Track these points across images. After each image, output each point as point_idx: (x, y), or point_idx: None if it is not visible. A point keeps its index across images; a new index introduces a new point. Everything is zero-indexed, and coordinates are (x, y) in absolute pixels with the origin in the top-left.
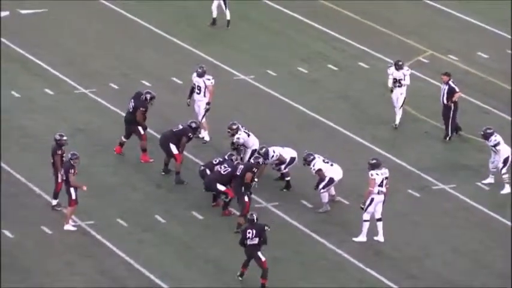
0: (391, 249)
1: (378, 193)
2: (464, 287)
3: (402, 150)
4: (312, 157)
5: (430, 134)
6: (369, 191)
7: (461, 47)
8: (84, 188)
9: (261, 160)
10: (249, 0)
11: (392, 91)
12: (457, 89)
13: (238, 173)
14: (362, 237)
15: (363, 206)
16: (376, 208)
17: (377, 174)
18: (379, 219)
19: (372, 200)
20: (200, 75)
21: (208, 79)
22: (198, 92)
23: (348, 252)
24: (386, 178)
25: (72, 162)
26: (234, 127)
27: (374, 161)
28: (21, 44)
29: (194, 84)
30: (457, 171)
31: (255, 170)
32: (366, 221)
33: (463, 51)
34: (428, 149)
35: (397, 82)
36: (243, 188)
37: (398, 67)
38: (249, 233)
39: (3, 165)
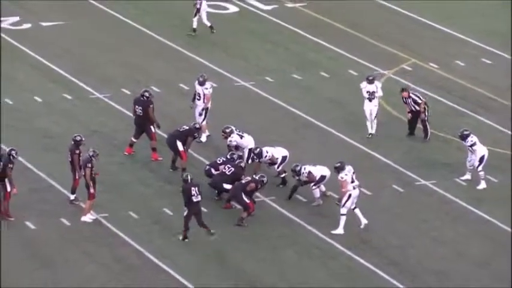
0: (376, 239)
1: (354, 188)
2: (443, 274)
3: (388, 150)
4: (298, 167)
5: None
6: (343, 192)
7: (441, 56)
8: (92, 190)
9: (265, 179)
10: (251, 15)
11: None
12: (420, 99)
13: (243, 181)
14: (340, 230)
15: (338, 203)
16: (353, 201)
17: (346, 174)
18: (354, 208)
19: (350, 195)
20: (201, 84)
21: (206, 88)
22: (198, 98)
23: (337, 241)
24: (353, 173)
25: (92, 158)
26: (227, 130)
27: (338, 164)
28: (43, 53)
29: (197, 91)
30: (438, 168)
31: (259, 186)
32: (343, 215)
33: (442, 59)
34: (411, 149)
35: (370, 95)
36: (242, 192)
37: (370, 81)
38: (193, 190)
39: (26, 163)
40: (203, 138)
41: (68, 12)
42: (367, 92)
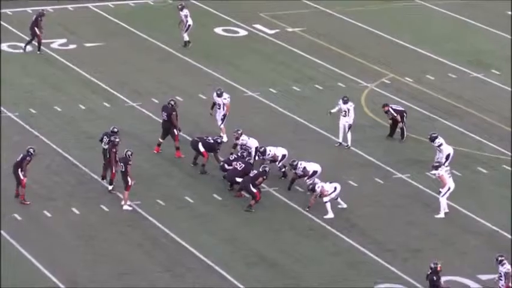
0: (361, 222)
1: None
2: (416, 250)
3: (370, 149)
4: (295, 162)
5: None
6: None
7: (415, 72)
8: (133, 182)
9: (267, 168)
10: (257, 37)
11: (330, 113)
12: (398, 110)
13: (251, 175)
14: (330, 215)
15: (307, 209)
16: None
17: (325, 185)
18: (336, 198)
19: (449, 188)
20: (219, 96)
21: (225, 98)
22: (219, 107)
23: (329, 224)
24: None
25: (129, 158)
26: (239, 132)
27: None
28: (86, 69)
29: (215, 102)
30: (411, 164)
31: (265, 177)
32: (326, 202)
33: (416, 74)
34: (390, 148)
35: (343, 112)
36: (251, 184)
37: (345, 102)
38: None
39: (73, 160)
40: (224, 138)
41: (107, 35)
42: (343, 111)
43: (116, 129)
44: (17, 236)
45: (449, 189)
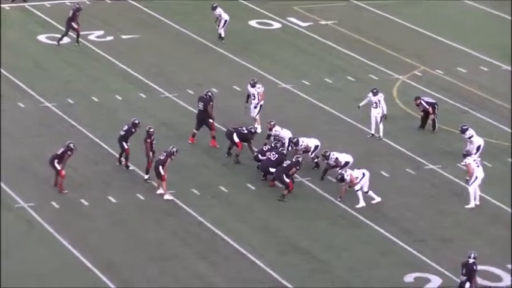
0: (393, 212)
1: (363, 175)
2: (447, 240)
3: (402, 140)
4: (327, 153)
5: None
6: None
7: (446, 64)
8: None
9: (300, 159)
10: (291, 30)
11: (359, 107)
12: (430, 103)
13: (284, 165)
14: (362, 203)
15: (339, 200)
16: (364, 184)
17: (352, 172)
18: (366, 192)
19: (476, 177)
20: (253, 86)
21: (259, 87)
22: (253, 98)
23: (361, 214)
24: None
25: (173, 153)
26: (272, 123)
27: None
28: (122, 60)
29: (250, 92)
30: (443, 155)
31: (298, 167)
32: (358, 190)
33: (447, 67)
34: (421, 139)
35: (373, 104)
36: (284, 175)
37: (374, 93)
38: None
39: (109, 149)
40: (259, 129)
41: (143, 27)
42: (374, 102)
43: (137, 121)
44: (55, 223)
45: (476, 178)
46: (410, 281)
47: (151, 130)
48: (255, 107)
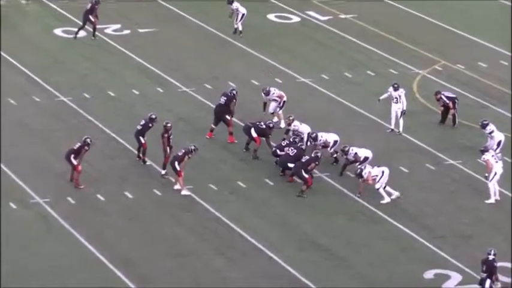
0: (413, 208)
1: (382, 174)
2: (467, 236)
3: (422, 135)
4: (346, 148)
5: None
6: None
7: (467, 59)
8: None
9: (319, 154)
10: (310, 24)
11: (379, 101)
12: (450, 97)
13: (303, 160)
14: (387, 199)
15: (358, 195)
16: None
17: (372, 170)
18: (385, 187)
19: (495, 172)
20: (266, 94)
21: (273, 93)
22: (275, 101)
23: (381, 210)
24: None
25: (192, 151)
26: (290, 118)
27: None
28: (139, 54)
29: (265, 100)
30: (463, 150)
31: (317, 163)
32: (379, 188)
33: (468, 61)
34: (441, 134)
35: (394, 99)
36: (303, 170)
37: (395, 88)
38: None
39: (126, 144)
40: (282, 124)
41: (161, 21)
42: (394, 97)
43: (154, 116)
44: (70, 219)
45: (495, 174)
46: (430, 277)
47: (169, 125)
48: (278, 106)
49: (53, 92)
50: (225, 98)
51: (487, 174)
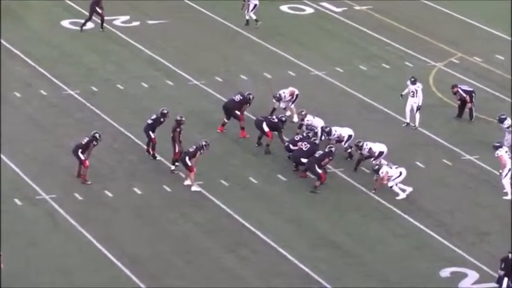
0: (428, 204)
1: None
2: (484, 234)
3: (438, 129)
4: (361, 143)
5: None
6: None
7: (484, 51)
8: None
9: (333, 149)
10: (324, 15)
11: (402, 96)
12: (467, 91)
13: (316, 155)
14: (402, 195)
15: (373, 191)
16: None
17: (389, 170)
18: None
19: (509, 169)
20: (278, 100)
21: (285, 96)
22: (285, 98)
23: (395, 205)
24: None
25: (203, 147)
26: (303, 113)
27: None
28: (149, 46)
29: (277, 106)
30: (481, 145)
31: (330, 158)
32: (392, 186)
33: (485, 54)
34: (458, 128)
35: (411, 93)
36: (316, 165)
37: (412, 82)
38: None
39: (135, 138)
40: (295, 118)
41: (171, 12)
42: (410, 91)
43: (165, 111)
44: (78, 216)
45: (510, 170)
46: (446, 275)
47: (183, 119)
48: (291, 101)
49: (60, 85)
50: (240, 98)
51: (501, 171)
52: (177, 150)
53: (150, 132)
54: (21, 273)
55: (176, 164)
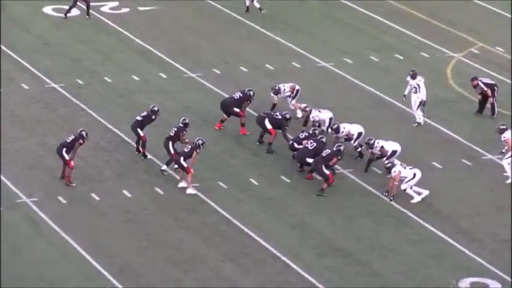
0: (446, 208)
1: (413, 176)
2: (507, 240)
3: (457, 126)
4: (372, 140)
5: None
6: (394, 184)
7: (507, 41)
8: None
9: (342, 147)
10: (332, 2)
11: (405, 97)
12: (488, 84)
13: (324, 154)
14: (417, 198)
15: (391, 198)
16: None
17: (403, 170)
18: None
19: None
20: (276, 93)
21: (284, 88)
22: (285, 92)
23: (410, 210)
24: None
25: (199, 146)
26: (308, 109)
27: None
28: (139, 35)
29: (275, 101)
30: (503, 144)
31: (339, 157)
32: (405, 189)
33: (508, 44)
34: (478, 125)
35: (413, 89)
36: (323, 165)
37: (412, 76)
38: None
39: (124, 136)
40: (298, 114)
41: None
42: (412, 86)
43: (156, 108)
44: (62, 221)
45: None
46: (465, 286)
47: (188, 122)
48: (291, 97)
49: (43, 78)
50: (240, 95)
51: (503, 151)
52: (172, 152)
53: (139, 130)
54: (2, 282)
55: (169, 163)
